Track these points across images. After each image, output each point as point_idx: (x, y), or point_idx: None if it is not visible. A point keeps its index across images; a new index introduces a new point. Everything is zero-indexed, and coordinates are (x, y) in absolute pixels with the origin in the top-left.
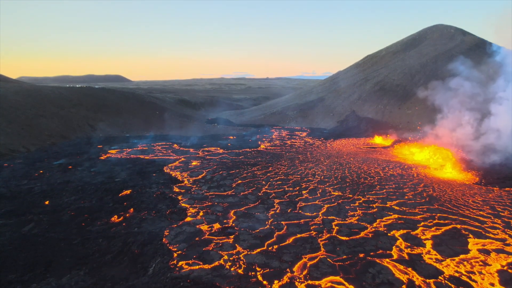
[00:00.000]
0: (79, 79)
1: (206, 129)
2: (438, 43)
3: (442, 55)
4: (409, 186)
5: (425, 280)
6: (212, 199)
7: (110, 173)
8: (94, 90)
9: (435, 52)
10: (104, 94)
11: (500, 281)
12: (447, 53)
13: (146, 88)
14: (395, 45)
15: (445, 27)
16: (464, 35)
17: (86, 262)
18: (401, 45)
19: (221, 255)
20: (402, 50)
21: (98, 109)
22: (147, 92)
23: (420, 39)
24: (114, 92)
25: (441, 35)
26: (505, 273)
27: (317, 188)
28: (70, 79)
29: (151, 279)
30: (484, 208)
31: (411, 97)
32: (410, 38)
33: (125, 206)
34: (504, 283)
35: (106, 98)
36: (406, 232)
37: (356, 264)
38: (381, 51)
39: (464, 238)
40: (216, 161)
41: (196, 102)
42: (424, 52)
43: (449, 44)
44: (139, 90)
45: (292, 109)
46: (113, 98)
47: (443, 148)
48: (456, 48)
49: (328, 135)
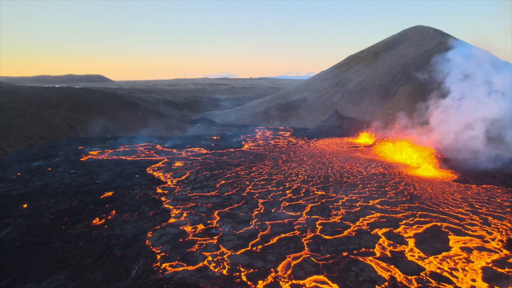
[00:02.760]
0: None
1: (190, 129)
2: (417, 44)
3: (421, 55)
4: (390, 185)
5: (407, 277)
6: (195, 199)
7: (91, 175)
8: (74, 90)
9: (415, 52)
10: (85, 94)
11: (483, 278)
12: (426, 54)
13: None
14: (376, 46)
15: (424, 28)
16: (442, 36)
17: (67, 266)
18: (382, 46)
19: (205, 256)
20: (383, 50)
21: (78, 110)
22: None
23: (400, 40)
24: (95, 92)
25: (421, 36)
26: (489, 270)
27: (300, 187)
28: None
29: (134, 282)
30: (463, 205)
31: (392, 97)
32: (390, 39)
33: (107, 208)
34: (487, 280)
35: (87, 98)
36: (389, 230)
37: (340, 262)
38: (363, 52)
39: (445, 235)
40: (200, 161)
41: (179, 102)
42: (404, 52)
43: (428, 45)
44: (121, 90)
45: (276, 109)
46: (94, 98)
47: (423, 147)
48: (435, 48)
49: (311, 135)
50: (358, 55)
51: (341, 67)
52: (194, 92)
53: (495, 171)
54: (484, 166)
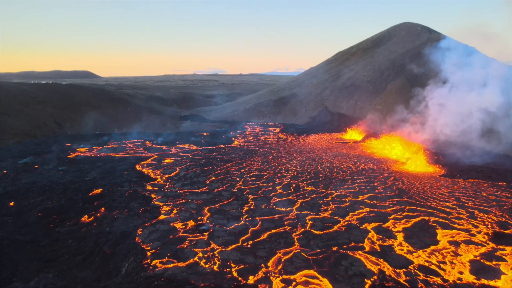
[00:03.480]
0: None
1: (179, 125)
2: (405, 40)
3: (409, 52)
4: (379, 180)
5: (395, 270)
6: (185, 196)
7: (80, 172)
8: (61, 87)
9: (403, 49)
10: (72, 90)
11: (471, 270)
12: (414, 50)
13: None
14: (365, 42)
15: (412, 25)
16: (430, 33)
17: (55, 265)
18: (370, 42)
19: (196, 252)
20: (372, 47)
21: (65, 106)
22: (118, 89)
23: (388, 36)
24: (83, 89)
25: (408, 33)
26: (476, 263)
27: (290, 183)
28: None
29: (124, 279)
30: (450, 199)
31: (380, 93)
32: (379, 35)
33: (95, 206)
34: (474, 273)
35: (74, 94)
36: (378, 225)
37: (330, 257)
38: (351, 48)
39: (432, 229)
40: (190, 158)
41: (168, 99)
42: (392, 49)
43: (416, 41)
44: (109, 87)
45: (266, 105)
46: (82, 94)
47: (412, 142)
48: (423, 45)
49: (301, 131)
50: (347, 51)
51: (331, 63)
52: (183, 89)
53: (481, 165)
54: (470, 161)
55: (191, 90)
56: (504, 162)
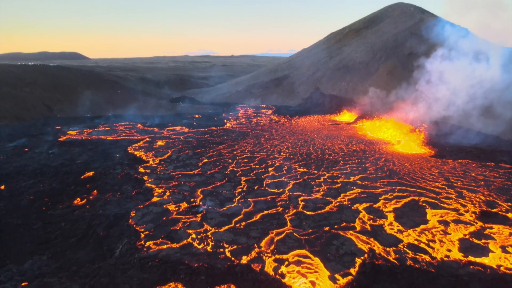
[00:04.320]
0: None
1: (171, 108)
2: (398, 21)
3: (402, 32)
4: (371, 161)
5: (385, 249)
6: (178, 178)
7: (71, 155)
8: (49, 68)
9: (396, 29)
10: (60, 72)
11: (460, 248)
12: (406, 31)
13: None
14: (357, 23)
15: (405, 5)
16: (423, 13)
17: (49, 247)
18: (363, 23)
19: (189, 233)
20: (365, 28)
21: (54, 89)
22: (107, 70)
23: (381, 17)
24: (71, 70)
25: (401, 13)
26: (465, 241)
27: (282, 165)
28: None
29: (118, 260)
30: (439, 179)
31: (373, 74)
32: (372, 16)
33: (88, 189)
34: (462, 250)
35: (63, 76)
36: (369, 205)
37: (321, 237)
38: (344, 29)
39: (422, 209)
40: (182, 140)
41: (159, 81)
42: (385, 30)
43: (408, 22)
44: (98, 68)
45: (258, 87)
46: (71, 76)
47: (403, 124)
48: (415, 26)
49: (293, 113)
50: (340, 32)
51: (323, 45)
52: (174, 70)
53: (470, 146)
54: (460, 142)
55: (183, 72)
56: (492, 142)
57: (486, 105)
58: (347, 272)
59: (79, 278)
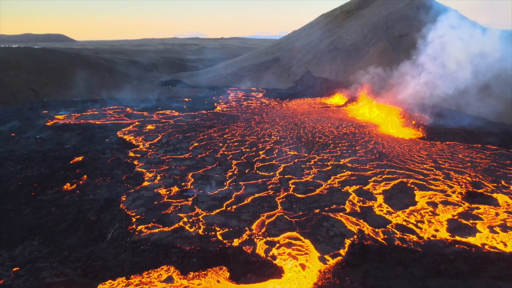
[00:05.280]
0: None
1: (160, 91)
2: (389, 2)
3: (392, 14)
4: (360, 144)
5: (374, 230)
6: (169, 162)
7: (59, 140)
8: (34, 51)
9: (386, 11)
10: (46, 55)
11: (448, 229)
12: (397, 13)
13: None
14: (348, 5)
15: None
16: None
17: (39, 232)
18: (354, 4)
19: (181, 217)
20: (356, 9)
21: (40, 72)
22: (94, 53)
23: None
24: (57, 53)
25: None
26: (454, 222)
27: (273, 148)
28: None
29: (110, 244)
30: (428, 161)
31: (363, 56)
32: None
33: (77, 174)
34: (450, 231)
35: (49, 59)
36: (359, 187)
37: (312, 219)
38: (335, 10)
39: (411, 191)
40: (172, 124)
41: (148, 64)
42: (376, 11)
43: (399, 3)
44: (85, 51)
45: (248, 70)
46: (57, 59)
47: (393, 106)
48: (406, 7)
49: (284, 96)
50: (330, 14)
51: (313, 27)
52: (163, 53)
53: (458, 128)
54: (448, 124)
55: (172, 55)
56: (479, 124)
57: (473, 88)
58: (336, 253)
59: (70, 262)
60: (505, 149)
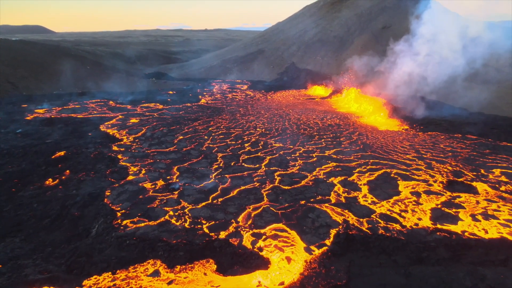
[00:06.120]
0: None
1: (144, 84)
2: None
3: (375, 6)
4: (345, 135)
5: (359, 219)
6: (154, 156)
7: (40, 134)
8: (11, 43)
9: (370, 3)
10: (24, 47)
11: (431, 217)
12: (380, 4)
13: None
14: None
15: None
16: None
17: (21, 229)
18: None
19: (167, 211)
20: (339, 1)
21: (18, 65)
22: (75, 45)
23: None
24: (36, 45)
25: None
26: (437, 211)
27: (258, 140)
28: None
29: (95, 240)
30: (410, 152)
31: (347, 48)
32: None
33: (60, 169)
34: (433, 219)
35: (27, 52)
36: (344, 178)
37: (297, 211)
38: (319, 2)
39: (394, 181)
40: (156, 117)
41: (130, 56)
42: (359, 3)
43: None
44: (65, 43)
45: (233, 62)
46: (35, 52)
47: (377, 98)
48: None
49: (269, 88)
50: (315, 5)
51: (298, 18)
52: (146, 45)
53: (439, 119)
54: (430, 115)
55: (155, 47)
56: (460, 114)
57: (454, 79)
58: (322, 244)
59: (54, 259)
60: (484, 139)
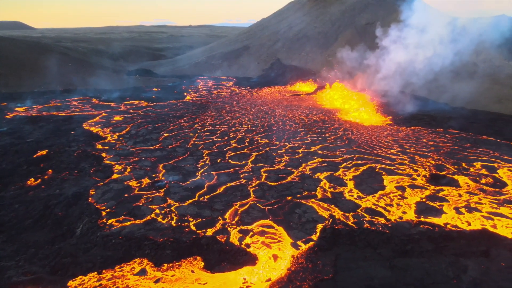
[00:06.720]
0: None
1: (127, 81)
2: None
3: (359, 2)
4: (330, 131)
5: (345, 214)
6: (139, 154)
7: (20, 133)
8: None
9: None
10: (2, 43)
11: (416, 211)
12: (363, 1)
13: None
14: None
15: None
16: None
17: (3, 230)
18: None
19: (153, 209)
20: None
21: None
22: (56, 42)
23: None
24: (15, 42)
25: None
26: (422, 204)
27: (244, 137)
28: None
29: (80, 240)
30: (394, 146)
31: (331, 44)
32: None
33: (42, 168)
34: (418, 212)
35: (5, 48)
36: (329, 173)
37: (284, 206)
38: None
39: (379, 176)
40: (140, 114)
41: (113, 52)
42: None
43: None
44: (46, 39)
45: (218, 58)
46: (14, 48)
47: (361, 93)
48: None
49: (254, 84)
50: (299, 1)
51: (282, 14)
52: (129, 41)
53: (422, 114)
54: (414, 110)
55: (138, 43)
56: (442, 109)
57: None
58: (309, 239)
59: (38, 260)
60: (465, 133)
